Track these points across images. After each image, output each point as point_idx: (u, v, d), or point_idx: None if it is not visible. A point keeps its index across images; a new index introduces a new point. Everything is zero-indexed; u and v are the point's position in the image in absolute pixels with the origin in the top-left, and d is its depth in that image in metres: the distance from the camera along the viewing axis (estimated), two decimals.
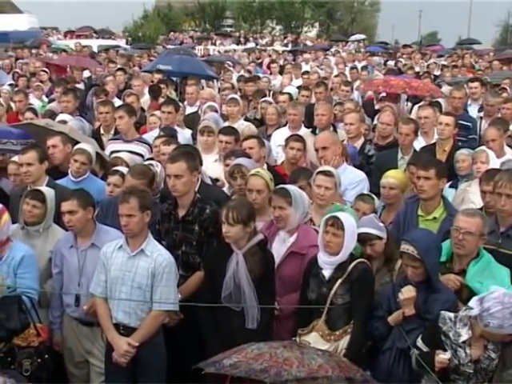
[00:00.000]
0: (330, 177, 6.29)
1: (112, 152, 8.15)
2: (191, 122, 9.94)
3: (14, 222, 6.04)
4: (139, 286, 5.33)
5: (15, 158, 7.27)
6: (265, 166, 7.29)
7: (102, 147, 8.58)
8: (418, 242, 5.06)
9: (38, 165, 6.75)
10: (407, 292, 5.05)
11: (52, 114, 9.53)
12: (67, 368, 5.93)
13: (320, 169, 6.56)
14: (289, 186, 6.01)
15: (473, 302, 4.62)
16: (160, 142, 7.60)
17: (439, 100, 11.37)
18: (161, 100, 11.24)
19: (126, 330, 5.39)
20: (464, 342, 4.63)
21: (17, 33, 24.44)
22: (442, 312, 4.78)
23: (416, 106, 11.78)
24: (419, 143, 8.61)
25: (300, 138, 7.78)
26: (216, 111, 10.20)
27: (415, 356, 4.81)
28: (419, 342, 4.83)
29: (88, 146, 7.32)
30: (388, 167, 7.25)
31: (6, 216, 5.78)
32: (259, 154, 7.38)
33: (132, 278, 5.34)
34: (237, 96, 11.22)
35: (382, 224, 5.83)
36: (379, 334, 5.23)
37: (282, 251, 5.78)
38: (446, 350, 4.68)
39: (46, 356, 5.51)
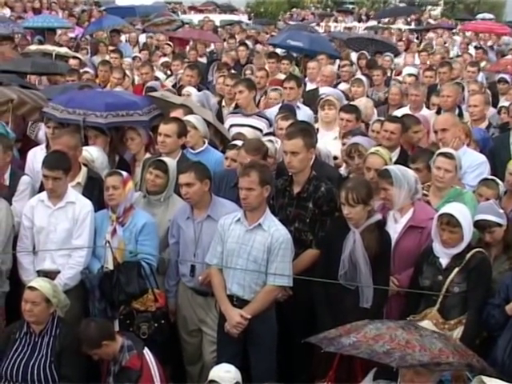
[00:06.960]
0: (450, 159, 6.11)
1: (231, 125, 8.24)
2: (311, 98, 9.90)
3: None
4: (255, 259, 5.35)
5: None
6: (397, 150, 7.12)
7: (222, 120, 8.67)
8: None
9: (176, 138, 6.70)
10: None
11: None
12: (181, 335, 6.06)
13: (441, 150, 6.39)
14: (390, 167, 5.94)
15: None
16: (279, 117, 7.61)
17: None
18: (282, 76, 11.24)
19: (239, 302, 5.43)
20: None
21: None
22: None
23: None
24: None
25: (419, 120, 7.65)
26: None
27: None
28: None
29: (192, 116, 7.27)
30: (500, 152, 7.05)
31: (131, 184, 5.96)
32: (398, 141, 7.21)
33: (248, 251, 5.37)
34: (362, 76, 11.10)
35: (501, 211, 5.65)
36: (495, 323, 5.12)
37: (396, 229, 5.70)
38: None
39: (163, 321, 5.68)
